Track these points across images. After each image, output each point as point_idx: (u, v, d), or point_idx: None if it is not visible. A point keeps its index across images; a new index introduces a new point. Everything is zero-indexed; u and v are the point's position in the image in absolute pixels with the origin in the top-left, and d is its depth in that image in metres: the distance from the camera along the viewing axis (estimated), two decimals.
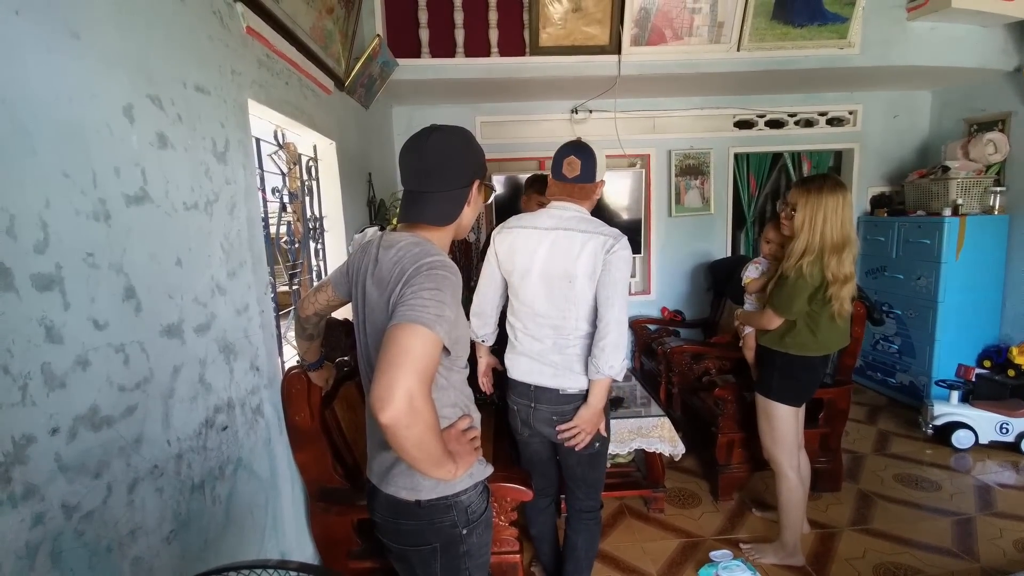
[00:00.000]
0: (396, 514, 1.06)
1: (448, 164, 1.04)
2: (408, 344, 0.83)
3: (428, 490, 1.03)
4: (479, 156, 1.11)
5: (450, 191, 1.05)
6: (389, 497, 1.06)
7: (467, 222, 1.12)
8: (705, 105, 3.87)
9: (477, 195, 1.11)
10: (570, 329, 1.52)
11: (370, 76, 2.62)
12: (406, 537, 1.07)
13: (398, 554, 1.12)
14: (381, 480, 1.07)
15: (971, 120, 3.61)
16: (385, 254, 1.03)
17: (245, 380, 1.41)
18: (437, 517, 1.05)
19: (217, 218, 1.29)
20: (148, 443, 1.02)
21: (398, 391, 0.79)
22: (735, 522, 2.42)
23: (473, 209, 1.11)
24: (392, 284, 0.96)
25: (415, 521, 1.05)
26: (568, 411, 1.54)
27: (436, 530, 1.05)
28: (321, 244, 2.34)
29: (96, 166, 0.93)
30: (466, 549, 1.09)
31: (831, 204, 1.79)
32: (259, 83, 1.56)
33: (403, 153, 1.07)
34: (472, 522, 1.08)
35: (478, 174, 1.10)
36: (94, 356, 0.90)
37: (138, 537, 0.98)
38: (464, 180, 1.07)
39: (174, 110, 1.15)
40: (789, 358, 1.94)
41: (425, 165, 1.04)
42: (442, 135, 1.05)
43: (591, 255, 1.46)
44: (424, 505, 1.04)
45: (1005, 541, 2.20)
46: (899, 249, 3.62)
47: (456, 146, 1.06)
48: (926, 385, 3.42)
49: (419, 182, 1.05)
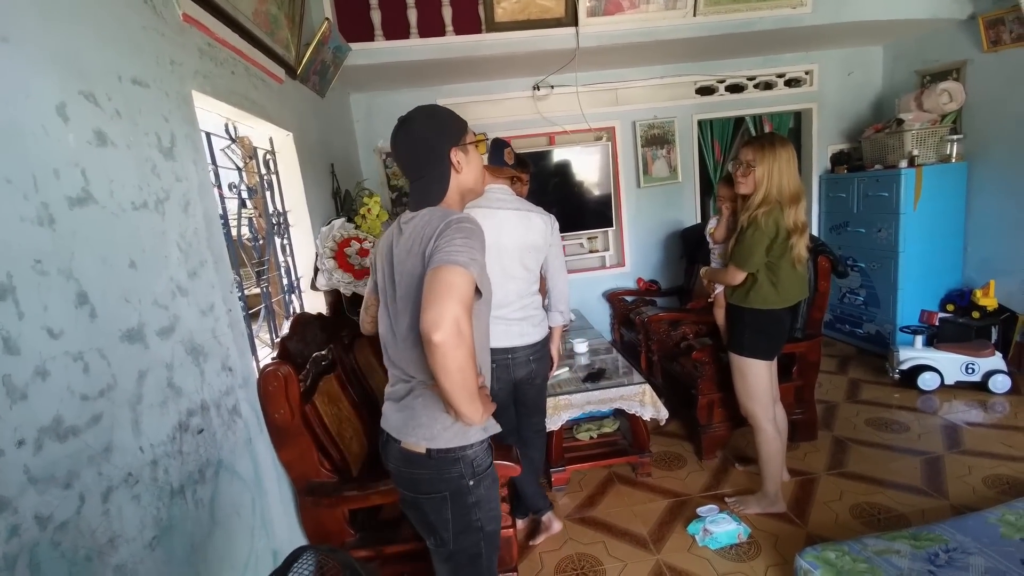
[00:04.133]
0: (409, 463, 1.16)
1: (418, 151, 1.16)
2: (451, 280, 0.96)
3: (441, 441, 1.12)
4: (447, 126, 1.18)
5: (432, 172, 1.17)
6: (403, 448, 1.15)
7: (471, 183, 1.23)
8: (666, 74, 3.87)
9: (465, 157, 1.19)
10: (531, 293, 1.90)
11: (323, 63, 2.54)
12: (418, 485, 1.16)
13: (411, 502, 1.20)
14: (398, 431, 1.17)
15: (923, 71, 3.70)
16: (407, 226, 1.16)
17: (218, 381, 1.38)
18: (445, 468, 1.14)
19: (171, 217, 1.24)
20: (119, 451, 0.99)
21: (447, 316, 0.92)
22: (719, 478, 2.51)
23: (470, 168, 1.21)
24: (425, 240, 1.07)
25: (426, 470, 1.14)
26: (540, 349, 1.93)
27: (445, 480, 1.14)
28: (287, 239, 2.29)
29: (35, 169, 0.89)
30: (475, 500, 1.18)
31: (784, 156, 1.88)
32: (202, 73, 1.49)
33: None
34: (478, 475, 1.17)
35: (451, 143, 1.17)
36: (52, 365, 0.87)
37: (118, 545, 0.96)
38: (439, 157, 1.17)
39: (111, 105, 1.09)
40: (755, 313, 2.00)
41: (403, 160, 1.19)
42: (404, 128, 1.17)
43: (544, 229, 1.87)
44: (434, 456, 1.13)
45: (974, 478, 2.30)
46: (859, 204, 3.72)
47: (419, 131, 1.16)
48: (891, 333, 3.56)
49: (407, 173, 1.21)
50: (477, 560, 1.23)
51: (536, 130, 3.90)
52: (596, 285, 4.21)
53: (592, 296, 4.19)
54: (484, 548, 1.23)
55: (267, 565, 1.52)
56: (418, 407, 1.15)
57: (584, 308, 4.06)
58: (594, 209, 4.00)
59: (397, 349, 1.19)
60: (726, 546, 2.02)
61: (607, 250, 4.27)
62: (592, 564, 2.02)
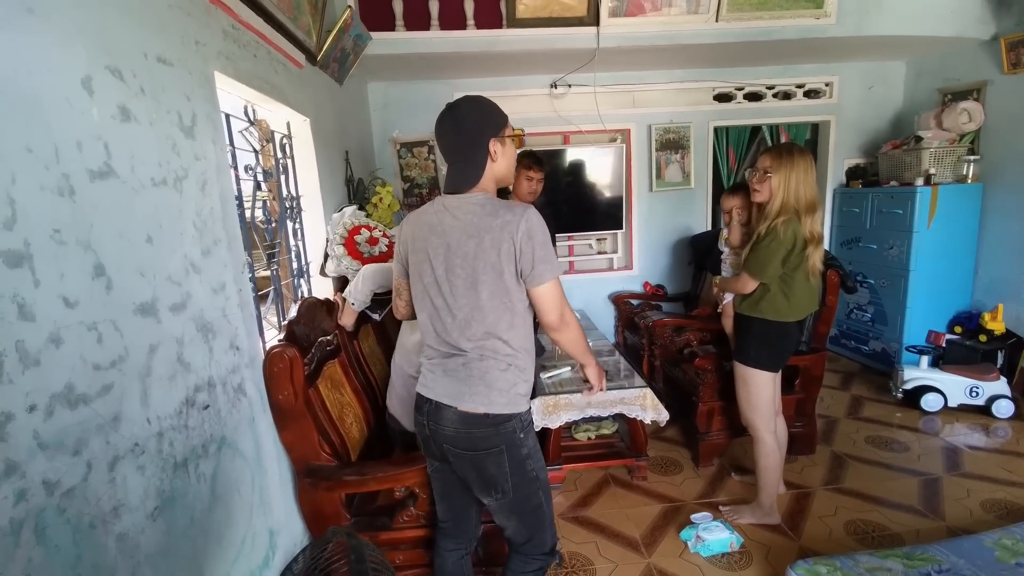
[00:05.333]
0: (468, 424, 1.27)
1: (461, 137, 1.26)
2: (555, 292, 1.27)
3: (496, 407, 1.27)
4: (490, 117, 1.27)
5: (472, 158, 1.26)
6: (463, 412, 1.27)
7: (503, 172, 1.31)
8: (685, 78, 3.86)
9: (502, 148, 1.28)
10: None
11: (343, 50, 2.55)
12: (478, 442, 1.28)
13: (472, 460, 1.31)
14: (453, 398, 1.28)
15: (944, 90, 3.66)
16: (458, 211, 1.25)
17: (225, 359, 1.40)
18: (501, 424, 1.28)
19: (188, 195, 1.26)
20: (127, 421, 1.01)
21: (564, 315, 1.31)
22: (715, 486, 2.51)
23: (504, 160, 1.29)
24: (501, 231, 1.20)
25: (485, 428, 1.27)
26: None
27: (501, 434, 1.28)
28: (299, 224, 2.31)
29: (58, 140, 0.90)
30: (527, 452, 1.32)
31: (802, 166, 1.87)
32: (225, 55, 1.51)
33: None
34: (526, 427, 1.34)
35: (491, 134, 1.26)
36: (67, 334, 0.89)
37: (122, 514, 0.98)
38: (479, 145, 1.25)
39: (136, 82, 1.11)
40: (765, 324, 2.00)
41: (445, 143, 1.28)
42: (452, 114, 1.26)
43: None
44: (491, 416, 1.27)
45: (972, 501, 2.29)
46: (873, 220, 3.69)
47: (464, 118, 1.25)
48: (897, 351, 3.54)
49: (447, 156, 1.30)
50: (539, 510, 1.38)
51: (551, 128, 3.89)
52: (603, 287, 4.21)
53: (598, 298, 4.19)
54: (543, 496, 1.38)
55: (263, 543, 1.55)
56: (474, 378, 1.27)
57: (589, 309, 4.06)
58: (605, 211, 4.00)
59: (454, 325, 1.27)
60: (718, 554, 2.03)
61: (615, 252, 4.26)
62: (583, 563, 2.03)
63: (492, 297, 1.23)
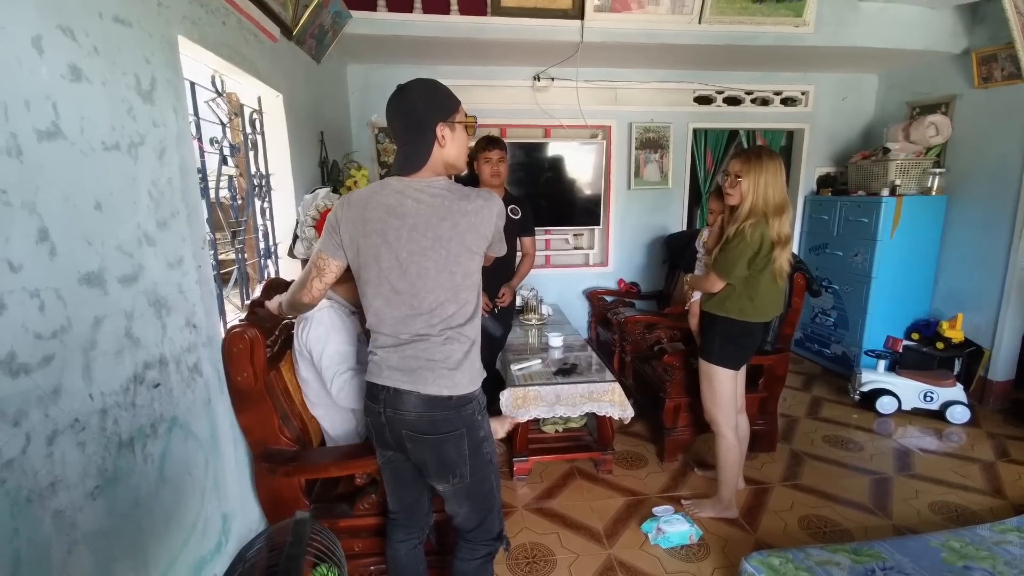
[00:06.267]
0: (431, 407, 1.26)
1: (408, 119, 1.22)
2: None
3: (460, 388, 1.27)
4: (439, 101, 1.23)
5: (418, 141, 1.22)
6: (427, 396, 1.26)
7: (453, 159, 1.27)
8: (667, 79, 3.88)
9: (451, 133, 1.24)
10: None
11: (321, 27, 2.48)
12: (439, 425, 1.28)
13: (432, 444, 1.29)
14: (417, 384, 1.26)
15: (913, 103, 3.78)
16: (423, 196, 1.22)
17: (180, 337, 1.35)
18: (463, 407, 1.28)
19: (144, 162, 1.21)
20: (67, 395, 0.96)
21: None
22: (678, 481, 2.55)
23: (453, 146, 1.26)
24: (480, 223, 1.23)
25: (447, 411, 1.27)
26: None
27: (463, 417, 1.29)
28: (268, 203, 2.24)
29: (6, 99, 0.86)
30: (483, 435, 1.34)
31: (771, 169, 1.90)
32: (191, 19, 1.44)
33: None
34: (483, 410, 1.36)
35: (439, 118, 1.22)
36: (9, 299, 0.85)
37: (59, 490, 0.94)
38: (426, 128, 1.21)
39: (89, 41, 1.05)
40: (729, 323, 2.03)
41: (393, 125, 1.25)
42: (401, 95, 1.23)
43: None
44: (454, 399, 1.26)
45: (920, 502, 2.37)
46: (840, 227, 3.80)
47: (413, 100, 1.21)
48: (857, 355, 3.65)
49: (396, 138, 1.27)
50: (491, 494, 1.39)
51: (533, 121, 3.88)
52: (577, 282, 4.23)
53: (572, 293, 4.21)
54: (494, 480, 1.40)
55: (216, 528, 1.50)
56: (437, 361, 1.25)
57: (563, 304, 4.07)
58: (583, 207, 4.01)
59: (417, 310, 1.24)
60: (677, 546, 2.06)
61: (592, 248, 4.28)
62: (544, 554, 2.04)
63: (466, 277, 1.25)
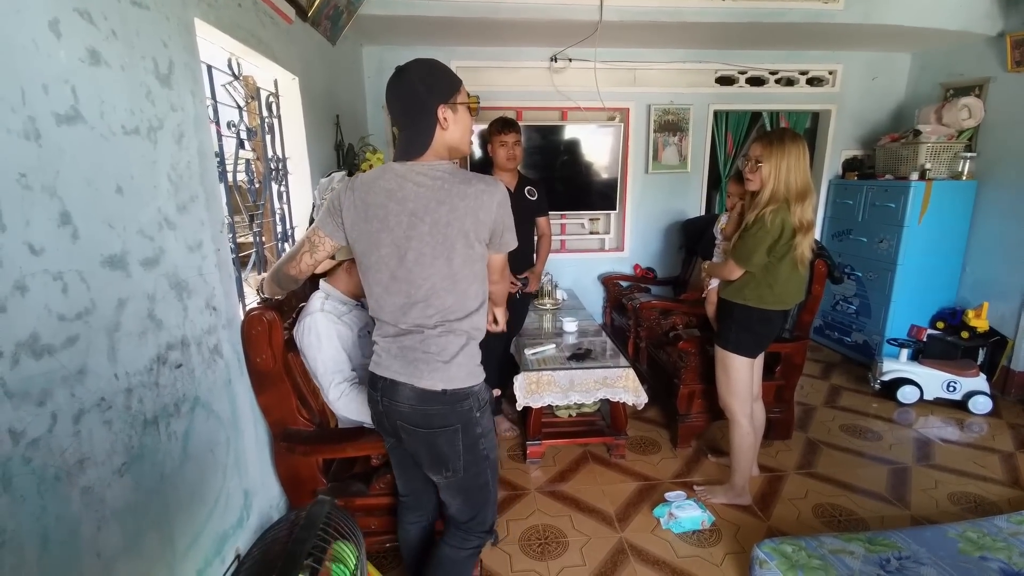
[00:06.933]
0: (424, 401, 1.23)
1: (407, 102, 1.18)
2: (506, 257, 1.32)
3: (456, 382, 1.23)
4: (440, 82, 1.18)
5: (419, 124, 1.18)
6: (420, 389, 1.22)
7: (456, 142, 1.23)
8: (687, 58, 3.78)
9: (453, 115, 1.20)
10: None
11: (335, 7, 2.46)
12: (433, 419, 1.24)
13: (424, 438, 1.27)
14: (409, 376, 1.23)
15: (948, 84, 3.62)
16: (423, 179, 1.18)
17: (201, 319, 1.37)
18: (457, 403, 1.24)
19: (163, 146, 1.22)
20: (93, 375, 0.99)
21: (503, 275, 1.35)
22: (691, 467, 2.55)
23: (456, 128, 1.21)
24: (480, 208, 1.17)
25: (440, 406, 1.23)
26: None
27: (457, 413, 1.25)
28: (285, 186, 2.25)
29: (24, 83, 0.87)
30: (481, 431, 1.30)
31: (793, 153, 1.83)
32: (207, 1, 1.44)
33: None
34: (482, 407, 1.30)
35: (440, 99, 1.17)
36: (32, 282, 0.87)
37: (87, 467, 0.97)
38: (426, 110, 1.17)
39: (107, 24, 1.05)
40: (747, 311, 2.00)
41: (393, 108, 1.21)
42: (400, 78, 1.18)
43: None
44: (448, 393, 1.22)
45: (939, 492, 2.34)
46: (865, 213, 3.69)
47: (412, 82, 1.17)
48: (879, 344, 3.58)
49: (396, 121, 1.23)
50: (485, 488, 1.36)
51: (549, 103, 3.82)
52: (593, 267, 4.20)
53: (587, 278, 4.19)
54: (490, 475, 1.36)
55: (238, 503, 1.55)
56: (431, 354, 1.22)
57: (578, 289, 4.05)
58: (599, 190, 3.95)
59: (413, 299, 1.21)
60: (689, 531, 2.07)
61: (608, 233, 4.24)
62: (556, 536, 2.07)
63: (464, 265, 1.19)
